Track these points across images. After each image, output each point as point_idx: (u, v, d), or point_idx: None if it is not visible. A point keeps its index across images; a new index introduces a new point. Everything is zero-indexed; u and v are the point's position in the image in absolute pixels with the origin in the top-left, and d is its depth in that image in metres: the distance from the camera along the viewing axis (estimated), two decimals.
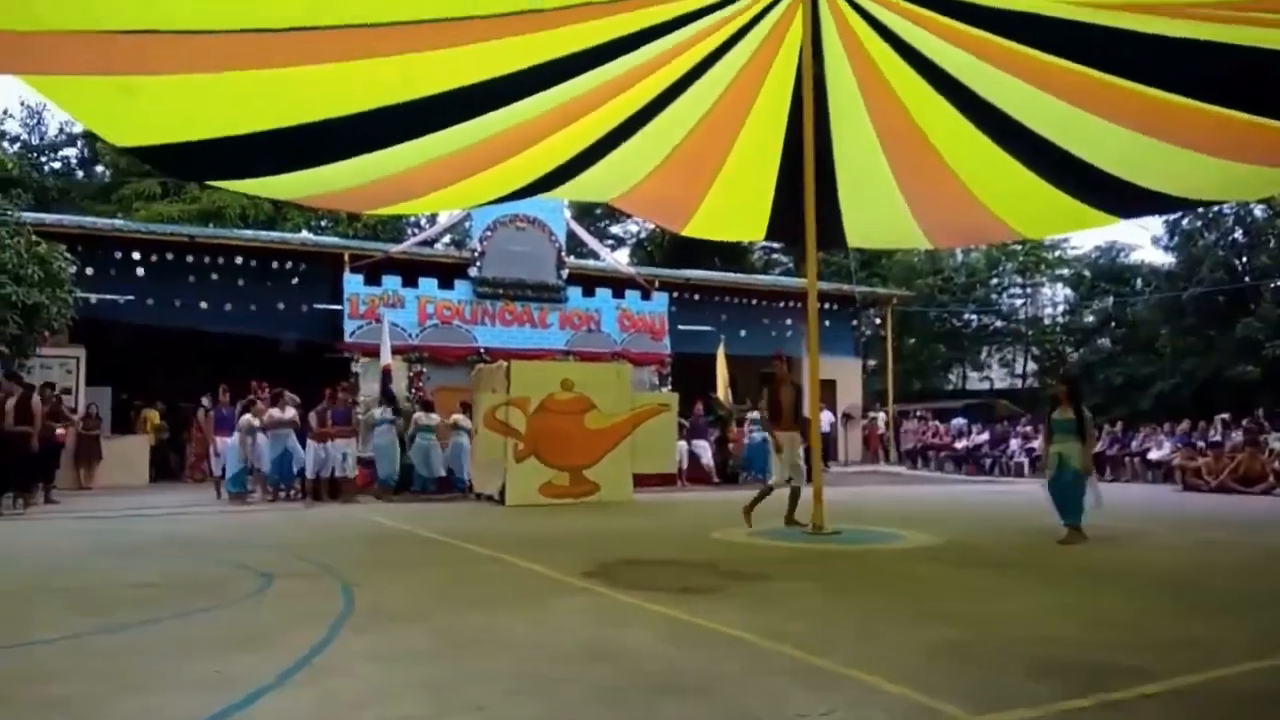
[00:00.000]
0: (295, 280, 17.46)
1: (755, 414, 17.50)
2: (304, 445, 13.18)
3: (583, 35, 7.54)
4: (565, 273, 18.71)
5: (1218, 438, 17.45)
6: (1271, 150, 8.54)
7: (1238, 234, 28.26)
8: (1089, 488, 8.27)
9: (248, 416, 13.14)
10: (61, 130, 33.46)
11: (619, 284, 19.68)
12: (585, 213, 29.86)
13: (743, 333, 21.12)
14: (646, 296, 19.65)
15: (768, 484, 9.73)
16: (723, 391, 18.42)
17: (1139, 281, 32.54)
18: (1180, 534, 9.44)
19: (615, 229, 37.62)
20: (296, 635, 4.61)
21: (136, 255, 16.38)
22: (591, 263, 21.92)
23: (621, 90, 8.71)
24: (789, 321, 22.28)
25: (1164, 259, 30.87)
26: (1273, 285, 27.20)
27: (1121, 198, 9.90)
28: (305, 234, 24.51)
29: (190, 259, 16.71)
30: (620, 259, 29.89)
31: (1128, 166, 9.19)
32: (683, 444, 16.17)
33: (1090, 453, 8.41)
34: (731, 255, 31.94)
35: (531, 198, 12.20)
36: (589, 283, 19.26)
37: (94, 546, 8.44)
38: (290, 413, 13.12)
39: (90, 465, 15.72)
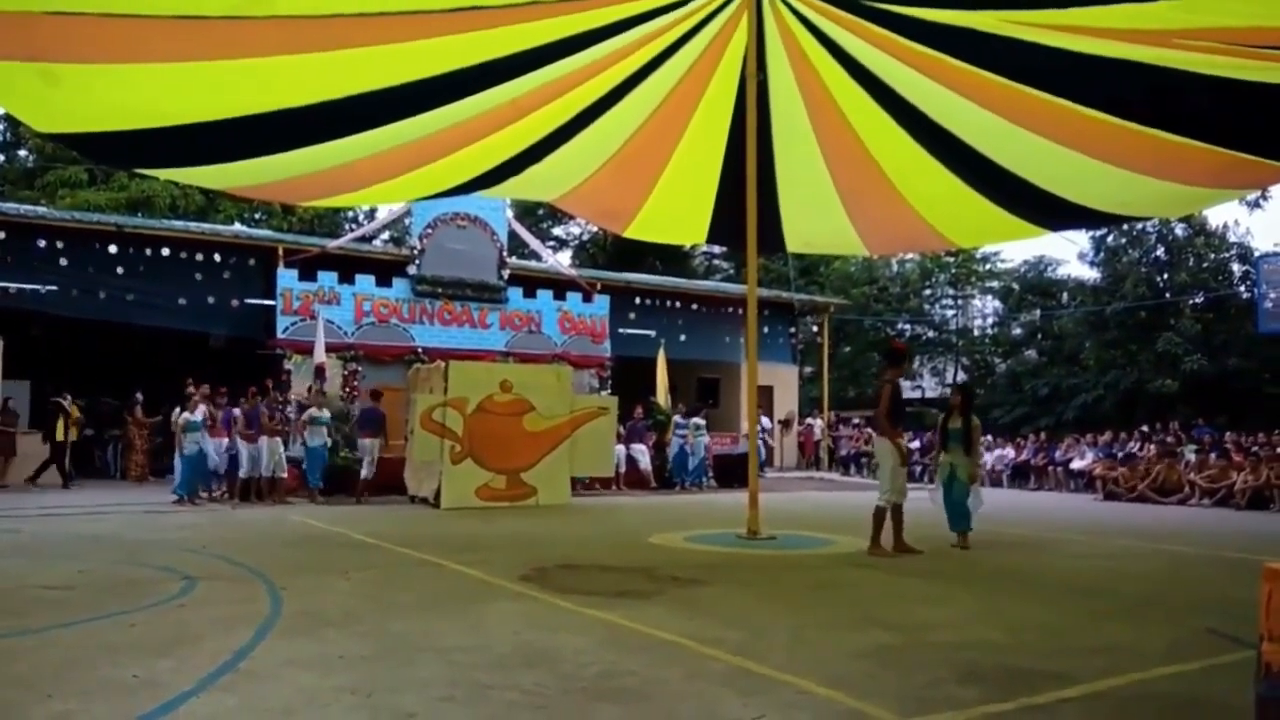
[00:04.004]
0: (227, 274, 16.97)
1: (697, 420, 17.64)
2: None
3: (528, 34, 7.51)
4: (506, 273, 18.54)
5: (1137, 448, 18.04)
6: (1192, 169, 8.88)
7: (1159, 251, 29.28)
8: (973, 494, 8.52)
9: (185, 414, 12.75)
10: None
11: (560, 285, 19.60)
12: (527, 213, 29.62)
13: (683, 337, 21.20)
14: (588, 299, 19.60)
15: (893, 503, 8.05)
16: (662, 396, 18.47)
17: (1065, 295, 33.52)
18: (1101, 542, 9.74)
19: (558, 230, 37.42)
20: (221, 639, 4.49)
21: (60, 244, 15.76)
22: (533, 263, 21.79)
23: (566, 90, 8.70)
24: (729, 327, 22.45)
25: (1090, 274, 31.88)
26: (1192, 302, 28.28)
27: (1049, 210, 10.21)
28: (238, 226, 23.84)
29: (117, 249, 16.14)
30: (562, 260, 29.81)
31: (1055, 180, 9.48)
32: (621, 448, 16.16)
33: (976, 462, 8.70)
34: (673, 259, 32.05)
35: (473, 195, 12.08)
36: (530, 284, 19.13)
37: (6, 546, 8.11)
38: (200, 413, 12.73)
39: (4, 461, 15.11)
